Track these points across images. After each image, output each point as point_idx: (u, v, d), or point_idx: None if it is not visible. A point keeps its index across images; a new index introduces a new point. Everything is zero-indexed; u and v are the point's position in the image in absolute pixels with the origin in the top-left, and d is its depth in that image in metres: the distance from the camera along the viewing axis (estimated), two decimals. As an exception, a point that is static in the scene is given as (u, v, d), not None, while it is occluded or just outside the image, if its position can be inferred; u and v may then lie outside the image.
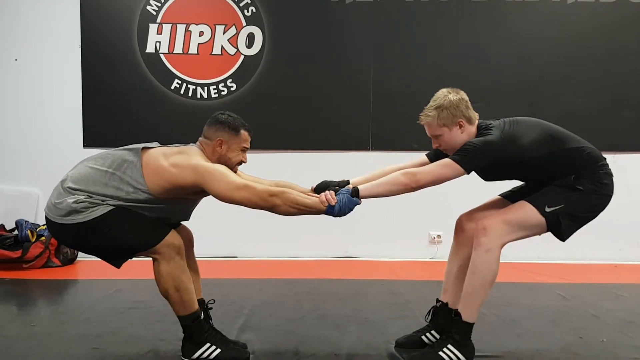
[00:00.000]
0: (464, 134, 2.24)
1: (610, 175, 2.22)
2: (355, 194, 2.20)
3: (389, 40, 4.52)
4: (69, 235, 2.13)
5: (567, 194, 2.15)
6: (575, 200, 2.15)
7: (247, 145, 2.30)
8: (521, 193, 2.30)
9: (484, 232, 2.15)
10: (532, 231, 2.21)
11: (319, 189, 2.35)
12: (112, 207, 2.06)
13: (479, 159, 2.16)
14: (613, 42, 4.50)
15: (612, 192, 2.21)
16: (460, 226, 2.41)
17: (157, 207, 2.13)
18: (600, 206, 2.21)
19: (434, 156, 2.41)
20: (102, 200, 2.07)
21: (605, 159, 2.24)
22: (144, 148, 2.18)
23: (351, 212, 2.20)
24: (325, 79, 4.56)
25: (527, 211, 2.16)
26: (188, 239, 2.37)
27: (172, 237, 2.12)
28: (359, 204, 2.21)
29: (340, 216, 2.19)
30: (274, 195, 2.07)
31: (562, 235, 2.20)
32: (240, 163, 2.31)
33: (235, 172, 2.34)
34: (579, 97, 4.49)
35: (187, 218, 2.34)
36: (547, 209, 2.14)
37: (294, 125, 4.58)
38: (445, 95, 2.25)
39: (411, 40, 4.54)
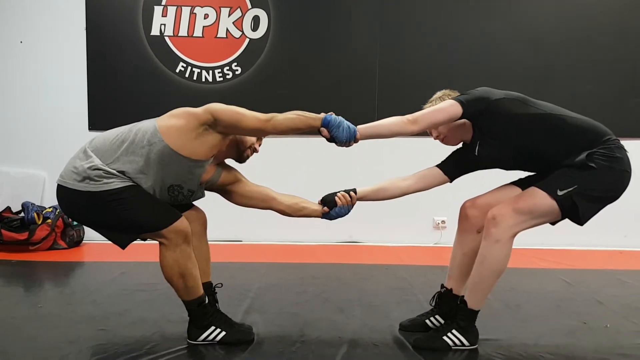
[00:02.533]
0: None
1: (623, 148, 2.08)
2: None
3: (395, 23, 4.48)
4: (79, 203, 2.06)
5: (579, 173, 2.02)
6: (589, 179, 2.01)
7: None
8: (530, 180, 2.23)
9: (493, 222, 2.07)
10: (544, 218, 2.10)
11: (326, 199, 2.39)
12: (126, 185, 2.03)
13: (478, 102, 2.13)
14: (622, 28, 4.45)
15: (629, 167, 2.07)
16: (463, 213, 2.37)
17: (170, 169, 2.08)
18: (619, 183, 2.07)
19: (448, 165, 2.39)
20: (116, 169, 2.03)
21: (612, 133, 2.11)
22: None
23: (348, 138, 2.16)
24: (331, 63, 4.53)
25: (538, 198, 2.05)
26: (202, 220, 2.37)
27: (181, 223, 2.09)
28: (355, 139, 2.17)
29: (338, 135, 2.15)
30: (273, 113, 2.16)
31: (580, 219, 2.06)
32: (254, 149, 2.32)
33: (247, 158, 2.33)
34: (587, 84, 4.45)
35: (199, 191, 2.26)
36: (560, 192, 2.02)
37: (299, 109, 4.53)
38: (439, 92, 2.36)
39: (418, 23, 4.50)
